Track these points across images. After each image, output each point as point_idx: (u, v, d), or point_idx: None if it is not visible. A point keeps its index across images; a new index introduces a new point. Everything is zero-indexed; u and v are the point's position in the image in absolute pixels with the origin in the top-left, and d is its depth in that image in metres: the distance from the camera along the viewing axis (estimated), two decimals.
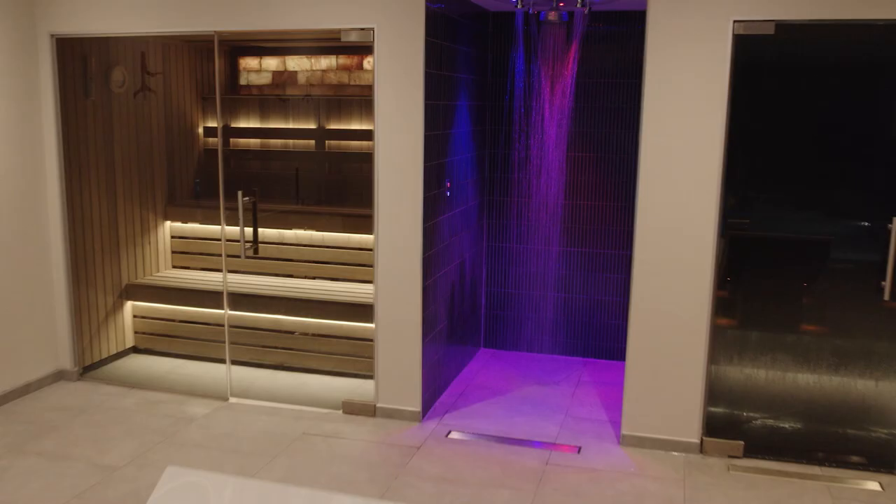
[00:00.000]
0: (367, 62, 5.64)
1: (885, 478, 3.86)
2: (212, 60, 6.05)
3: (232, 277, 5.21)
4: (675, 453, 4.12)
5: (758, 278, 4.02)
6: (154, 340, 5.61)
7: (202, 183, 6.05)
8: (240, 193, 4.66)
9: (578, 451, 4.14)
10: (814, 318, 3.99)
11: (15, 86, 4.63)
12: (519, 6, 4.82)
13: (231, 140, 5.99)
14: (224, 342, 5.05)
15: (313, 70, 5.94)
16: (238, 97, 5.99)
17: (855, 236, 3.89)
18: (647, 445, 4.17)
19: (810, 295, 3.97)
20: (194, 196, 6.05)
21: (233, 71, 6.14)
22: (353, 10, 4.20)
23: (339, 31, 4.23)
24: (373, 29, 4.18)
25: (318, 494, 2.00)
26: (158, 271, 5.79)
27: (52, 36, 4.73)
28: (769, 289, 4.01)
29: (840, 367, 3.94)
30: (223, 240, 4.92)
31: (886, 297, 3.76)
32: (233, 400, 4.80)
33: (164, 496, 2.04)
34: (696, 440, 4.11)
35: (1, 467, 3.89)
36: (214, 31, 4.48)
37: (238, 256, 4.81)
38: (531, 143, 5.32)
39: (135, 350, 5.65)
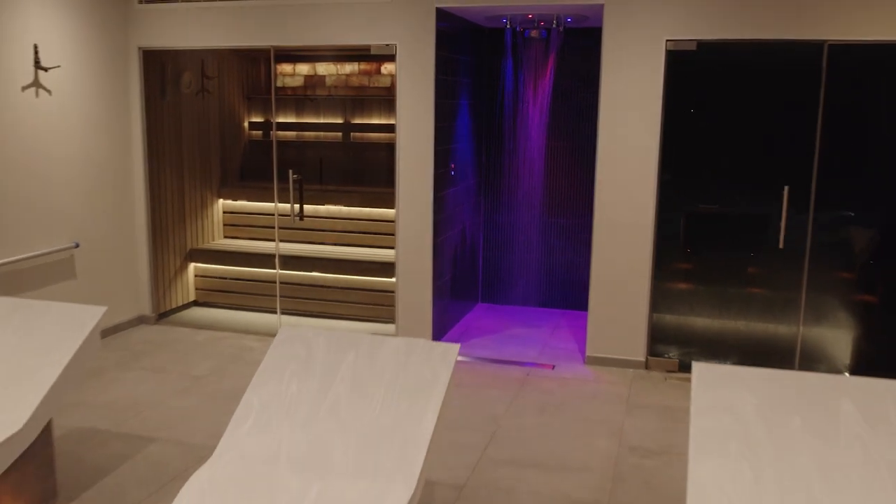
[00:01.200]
0: (384, 68, 6.88)
1: None
2: (255, 66, 7.31)
3: (271, 244, 6.48)
4: (626, 369, 5.40)
5: (686, 240, 5.28)
6: (211, 295, 6.87)
7: (247, 168, 7.31)
8: (290, 172, 5.94)
9: (553, 368, 5.42)
10: (732, 268, 5.24)
11: (112, 88, 5.89)
12: (508, 25, 6.10)
13: (272, 133, 7.24)
14: (275, 295, 6.32)
15: (339, 74, 7.19)
16: (276, 97, 7.23)
17: (760, 202, 5.14)
18: (604, 364, 5.45)
19: (729, 249, 5.22)
20: (240, 178, 7.30)
21: (270, 74, 7.38)
22: (381, 31, 5.47)
23: (369, 46, 5.50)
24: (396, 44, 5.45)
25: (376, 337, 3.25)
26: (213, 239, 7.05)
27: (140, 49, 6.00)
28: (698, 247, 5.27)
29: (750, 304, 5.20)
30: (276, 213, 6.19)
31: (781, 245, 5.04)
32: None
33: (281, 344, 3.30)
34: (643, 359, 5.39)
35: (117, 377, 5.16)
36: (271, 46, 5.75)
37: (285, 228, 6.07)
38: (517, 134, 6.60)
39: (195, 304, 6.91)
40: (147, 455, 4.04)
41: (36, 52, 5.16)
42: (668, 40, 5.04)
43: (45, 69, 5.24)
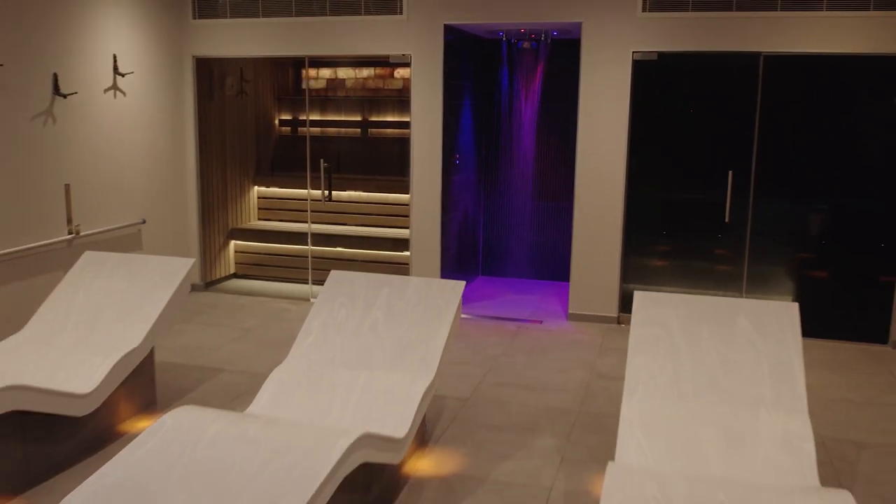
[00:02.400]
0: (397, 73, 7.97)
1: None
2: (284, 71, 8.40)
3: (303, 225, 7.57)
4: (601, 324, 6.50)
5: (650, 218, 6.38)
6: (249, 268, 7.97)
7: (277, 159, 8.41)
8: (321, 161, 7.04)
9: (541, 323, 6.52)
10: (687, 240, 6.34)
11: (171, 90, 6.99)
12: (504, 38, 7.20)
13: (299, 129, 8.34)
14: (307, 268, 7.42)
15: (357, 78, 8.27)
16: (301, 98, 8.34)
17: (710, 185, 6.23)
18: (583, 319, 6.55)
19: (685, 225, 6.31)
20: (271, 168, 8.40)
21: (297, 78, 8.49)
22: (398, 43, 6.57)
23: (388, 55, 6.60)
24: (410, 54, 6.55)
25: (403, 277, 4.34)
26: (250, 221, 8.15)
27: (194, 57, 7.10)
28: (660, 223, 6.37)
29: (701, 268, 6.30)
30: (308, 198, 7.29)
31: (727, 220, 6.14)
32: (313, 300, 7.18)
33: (332, 284, 4.39)
34: (615, 315, 6.49)
35: (182, 329, 6.26)
36: (306, 55, 6.85)
37: (316, 211, 7.16)
38: (512, 130, 7.70)
39: (235, 276, 8.01)
40: (219, 380, 5.14)
41: (115, 61, 6.26)
42: (634, 52, 6.14)
43: (122, 75, 6.34)
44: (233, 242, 7.94)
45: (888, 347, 6.06)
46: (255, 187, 8.23)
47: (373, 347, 4.04)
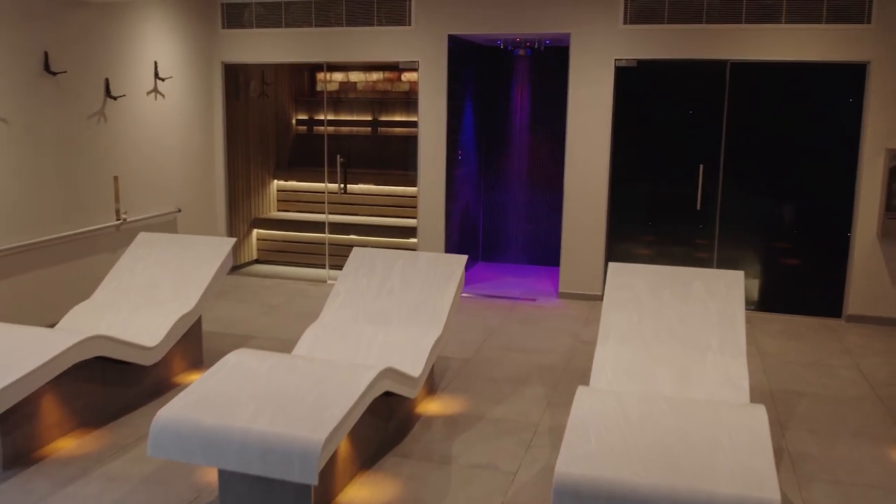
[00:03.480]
0: (404, 76, 8.76)
1: None
2: (300, 75, 9.18)
3: (321, 215, 8.35)
4: (587, 301, 7.29)
5: (631, 206, 7.17)
6: (269, 254, 8.76)
7: (294, 155, 9.19)
8: (338, 156, 7.84)
9: (534, 301, 7.31)
10: (664, 225, 7.13)
11: (201, 93, 7.78)
12: (501, 46, 7.99)
13: (314, 128, 9.13)
14: (325, 254, 8.21)
15: (367, 81, 9.06)
16: (315, 99, 9.13)
17: (683, 177, 7.02)
18: (572, 297, 7.34)
19: (662, 212, 7.10)
20: (289, 164, 9.19)
21: (312, 81, 9.28)
22: (407, 50, 7.36)
23: (398, 62, 7.39)
24: (418, 61, 7.34)
25: (415, 252, 5.12)
26: (270, 211, 8.95)
27: (222, 63, 7.89)
28: (640, 211, 7.15)
29: (677, 251, 7.08)
30: (326, 190, 8.08)
31: (698, 207, 6.93)
32: (330, 282, 7.97)
33: (354, 258, 5.18)
34: (600, 293, 7.28)
35: (214, 305, 7.05)
36: (324, 61, 7.64)
37: (333, 203, 7.95)
38: (508, 129, 8.49)
39: (257, 261, 8.80)
40: (253, 344, 5.93)
41: (156, 67, 7.05)
42: (616, 59, 6.93)
43: (162, 79, 7.13)
44: (255, 231, 8.73)
45: (841, 321, 6.84)
46: (275, 181, 9.02)
47: (390, 308, 4.83)
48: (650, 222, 7.15)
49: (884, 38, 6.41)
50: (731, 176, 6.89)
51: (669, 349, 4.29)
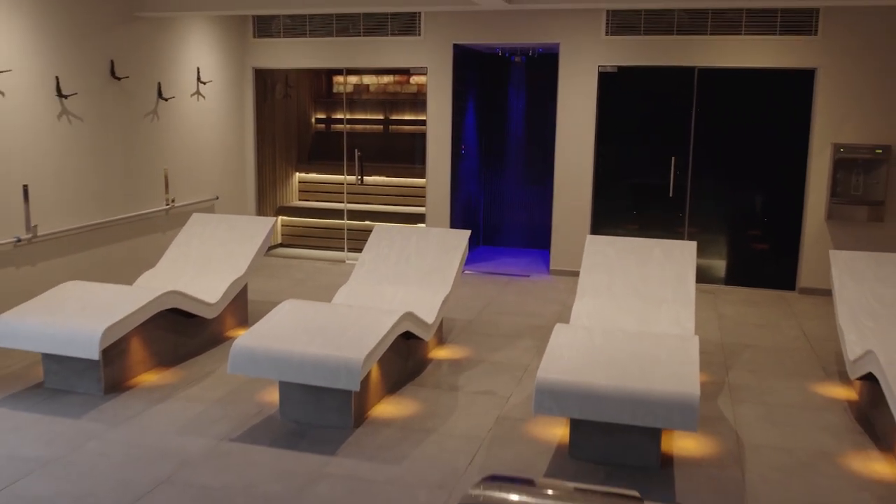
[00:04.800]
0: (413, 79, 9.79)
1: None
2: (318, 79, 10.23)
3: (339, 204, 9.39)
4: (575, 276, 8.32)
5: (613, 193, 8.20)
6: (292, 238, 9.80)
7: (313, 150, 10.23)
8: (356, 151, 8.88)
9: (528, 276, 8.35)
10: (641, 209, 8.16)
11: (234, 95, 8.83)
12: (500, 53, 9.03)
13: (332, 126, 10.17)
14: (343, 238, 9.26)
15: (378, 83, 10.09)
16: (332, 100, 10.17)
17: (657, 167, 8.05)
18: (561, 274, 8.38)
19: (639, 197, 8.13)
20: (309, 158, 10.22)
21: (329, 84, 10.31)
22: (417, 57, 8.40)
23: (409, 67, 8.43)
24: (427, 66, 8.38)
25: (427, 227, 6.16)
26: (293, 200, 9.99)
27: (253, 68, 8.93)
28: (621, 197, 8.19)
29: (653, 232, 8.11)
30: (345, 181, 9.13)
31: (671, 194, 7.98)
32: (347, 261, 9.01)
33: (376, 234, 6.22)
34: None
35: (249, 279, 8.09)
36: (344, 67, 8.68)
37: (351, 193, 8.99)
38: (506, 126, 9.54)
39: (281, 245, 9.84)
40: None
41: (198, 72, 8.10)
42: (599, 66, 7.97)
43: (203, 83, 8.18)
44: (280, 217, 9.77)
45: (795, 293, 7.88)
46: (297, 173, 10.06)
47: (408, 272, 5.88)
48: (629, 207, 8.19)
49: (829, 47, 7.45)
50: (699, 167, 7.94)
51: (633, 301, 5.33)
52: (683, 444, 4.36)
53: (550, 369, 4.01)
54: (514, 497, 2.11)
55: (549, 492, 2.13)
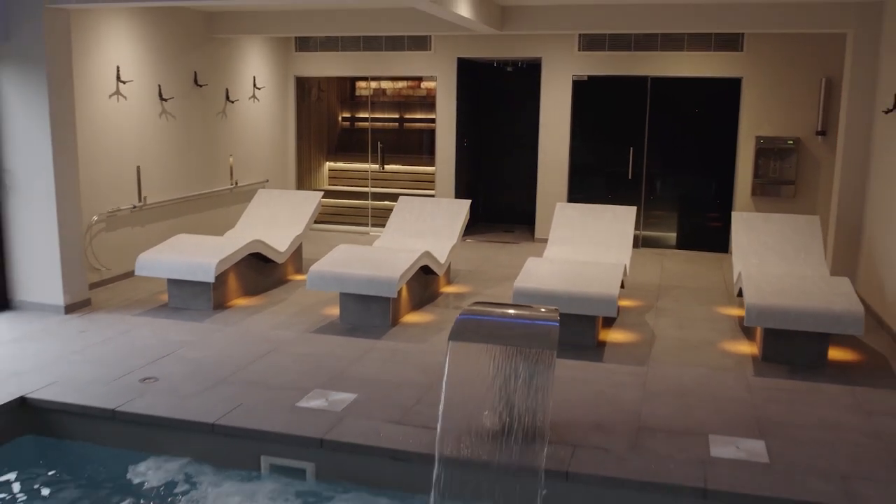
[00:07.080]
0: (423, 84, 11.83)
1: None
2: (344, 83, 12.30)
3: (364, 188, 11.45)
4: None
5: (584, 178, 10.26)
6: (323, 217, 11.86)
7: (340, 143, 12.30)
8: (379, 143, 10.98)
9: (517, 244, 10.42)
10: (606, 190, 10.21)
11: (279, 99, 10.91)
12: (495, 64, 11.13)
13: (355, 123, 12.22)
14: (368, 216, 11.35)
15: (394, 88, 12.14)
16: (355, 102, 12.22)
17: (619, 155, 10.10)
18: (543, 242, 10.42)
19: (605, 181, 10.19)
20: (336, 150, 12.28)
21: (353, 88, 12.37)
22: (428, 67, 10.48)
23: (422, 76, 10.51)
24: (436, 75, 10.47)
25: (436, 198, 8.22)
26: (324, 185, 12.06)
27: (294, 76, 11.02)
28: (590, 182, 10.25)
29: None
30: (369, 169, 11.22)
31: (629, 177, 10.06)
32: (372, 233, 11.09)
33: (400, 203, 8.28)
34: None
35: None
36: (369, 75, 10.77)
37: (374, 179, 11.07)
38: (500, 124, 11.63)
39: (315, 222, 11.90)
40: None
41: (254, 80, 10.18)
42: (573, 75, 10.05)
43: (258, 88, 10.27)
44: None
45: (727, 254, 9.96)
46: (327, 162, 12.14)
47: (424, 229, 7.96)
48: (597, 188, 10.27)
49: (752, 61, 9.53)
50: (651, 155, 10.01)
51: (588, 249, 7.41)
52: (613, 335, 6.44)
53: (523, 281, 6.09)
54: (490, 309, 4.20)
55: (508, 309, 4.24)
